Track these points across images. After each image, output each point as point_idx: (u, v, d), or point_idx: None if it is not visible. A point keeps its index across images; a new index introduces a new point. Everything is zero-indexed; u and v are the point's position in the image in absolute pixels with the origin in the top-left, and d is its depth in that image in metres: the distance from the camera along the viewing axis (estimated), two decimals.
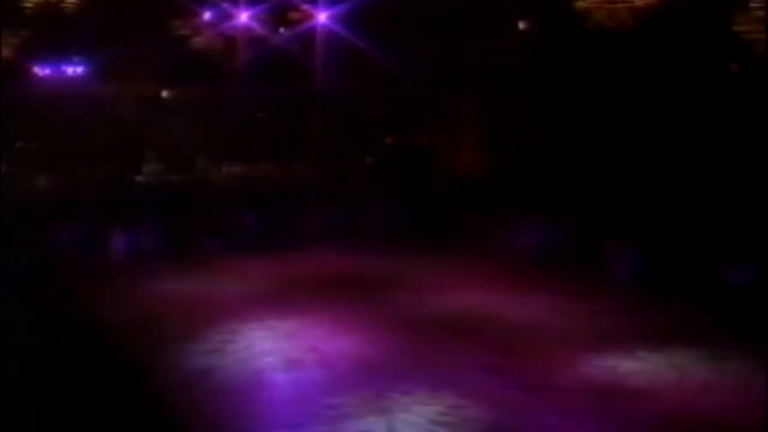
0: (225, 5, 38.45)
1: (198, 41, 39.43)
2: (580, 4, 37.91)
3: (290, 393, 17.83)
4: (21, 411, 15.34)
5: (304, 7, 38.10)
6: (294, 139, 37.56)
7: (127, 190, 34.83)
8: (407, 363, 19.21)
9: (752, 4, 35.44)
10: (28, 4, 38.36)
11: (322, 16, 37.08)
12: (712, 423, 16.65)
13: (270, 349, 20.30)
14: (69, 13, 38.71)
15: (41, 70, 37.40)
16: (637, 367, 19.22)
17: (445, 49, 35.98)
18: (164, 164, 36.26)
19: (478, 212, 31.98)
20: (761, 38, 33.70)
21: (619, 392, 17.76)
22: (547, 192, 31.38)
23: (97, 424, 15.47)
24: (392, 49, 34.70)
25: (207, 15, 39.55)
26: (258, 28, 38.32)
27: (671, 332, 21.49)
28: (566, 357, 19.64)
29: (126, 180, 35.77)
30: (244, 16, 38.28)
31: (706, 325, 22.05)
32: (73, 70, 37.37)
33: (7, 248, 26.24)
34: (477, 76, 35.27)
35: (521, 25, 38.56)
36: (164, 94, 39.15)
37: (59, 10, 38.62)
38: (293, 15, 39.01)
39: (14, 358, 17.97)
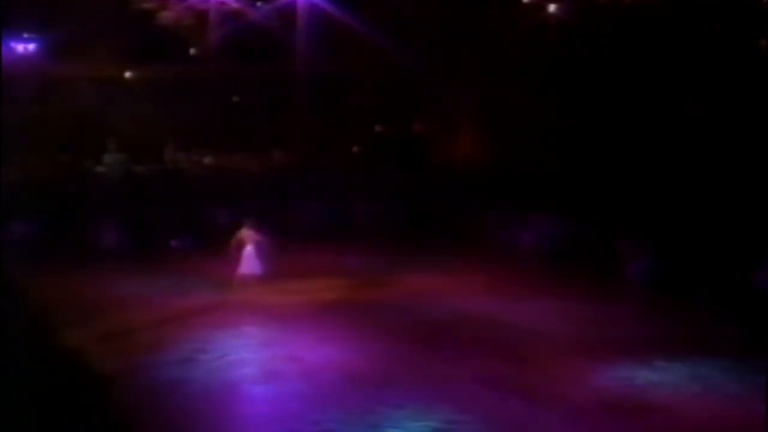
0: None
1: (165, 16, 39.11)
2: None
3: (270, 407, 17.66)
4: None
5: None
6: (273, 125, 37.82)
7: (86, 182, 34.73)
8: (399, 373, 19.10)
9: None
10: None
11: None
12: None
13: (247, 358, 20.09)
14: None
15: None
16: (656, 378, 19.04)
17: (443, 26, 36.02)
18: (127, 154, 36.13)
19: (477, 208, 32.37)
20: None
21: (637, 407, 17.52)
22: (554, 186, 31.41)
23: None
24: (383, 26, 34.88)
25: None
26: (232, 2, 38.32)
27: (692, 340, 21.37)
28: (576, 367, 19.50)
29: (84, 172, 35.67)
30: None
31: (731, 332, 21.92)
32: (24, 47, 37.08)
33: None
34: (478, 56, 35.40)
35: None
36: (127, 75, 39.23)
37: None
38: None
39: None
